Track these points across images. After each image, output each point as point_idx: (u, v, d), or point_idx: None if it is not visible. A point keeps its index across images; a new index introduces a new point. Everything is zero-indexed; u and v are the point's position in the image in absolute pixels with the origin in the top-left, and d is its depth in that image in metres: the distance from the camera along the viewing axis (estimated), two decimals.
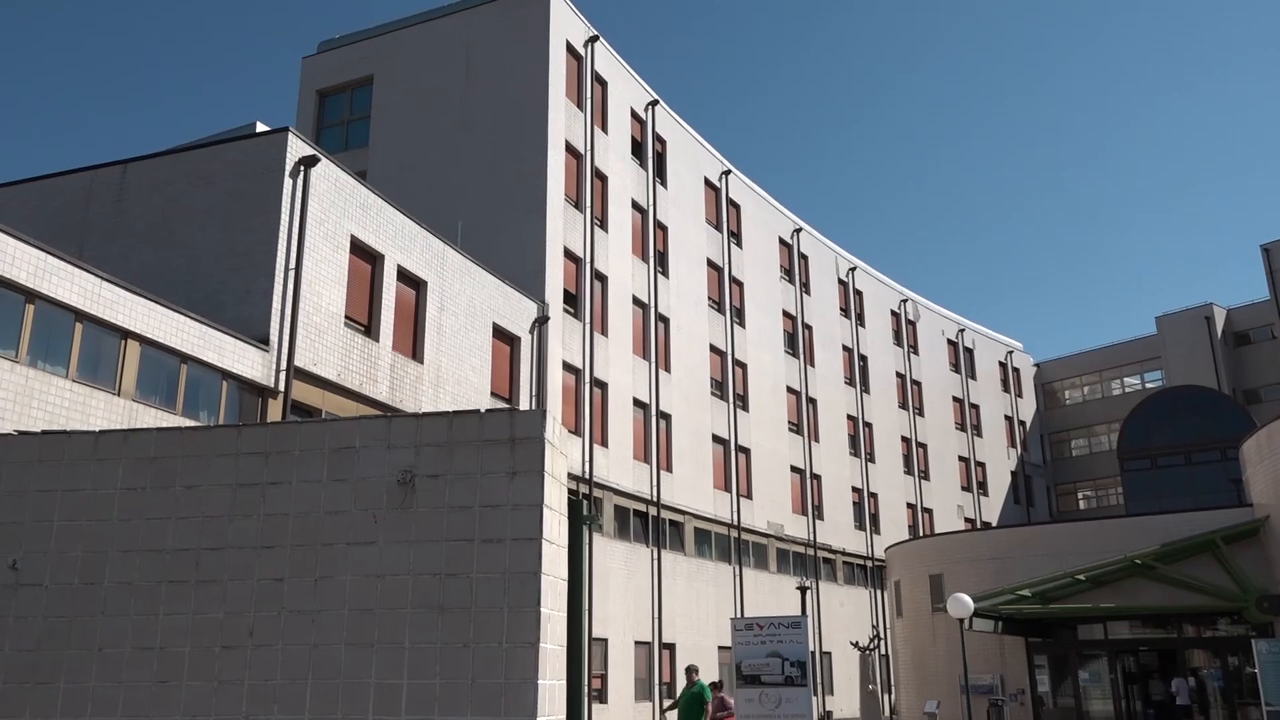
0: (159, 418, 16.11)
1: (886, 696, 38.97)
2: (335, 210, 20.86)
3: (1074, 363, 62.52)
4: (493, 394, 25.56)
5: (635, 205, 35.73)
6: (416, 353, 23.01)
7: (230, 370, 17.77)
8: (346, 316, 20.98)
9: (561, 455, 7.06)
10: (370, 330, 21.66)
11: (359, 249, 21.59)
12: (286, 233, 19.36)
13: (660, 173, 37.53)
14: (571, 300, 30.92)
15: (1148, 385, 57.25)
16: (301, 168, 19.96)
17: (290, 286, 19.26)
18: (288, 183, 19.59)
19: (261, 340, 18.56)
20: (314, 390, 19.73)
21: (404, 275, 22.89)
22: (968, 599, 21.47)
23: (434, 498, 6.68)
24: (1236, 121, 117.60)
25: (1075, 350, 62.47)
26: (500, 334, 26.39)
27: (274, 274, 18.93)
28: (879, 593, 44.71)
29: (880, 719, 28.95)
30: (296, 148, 20.02)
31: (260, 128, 27.85)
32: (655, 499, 33.40)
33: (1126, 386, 59.63)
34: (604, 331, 32.41)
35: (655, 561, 32.86)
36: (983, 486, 54.76)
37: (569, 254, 31.11)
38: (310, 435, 7.08)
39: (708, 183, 40.73)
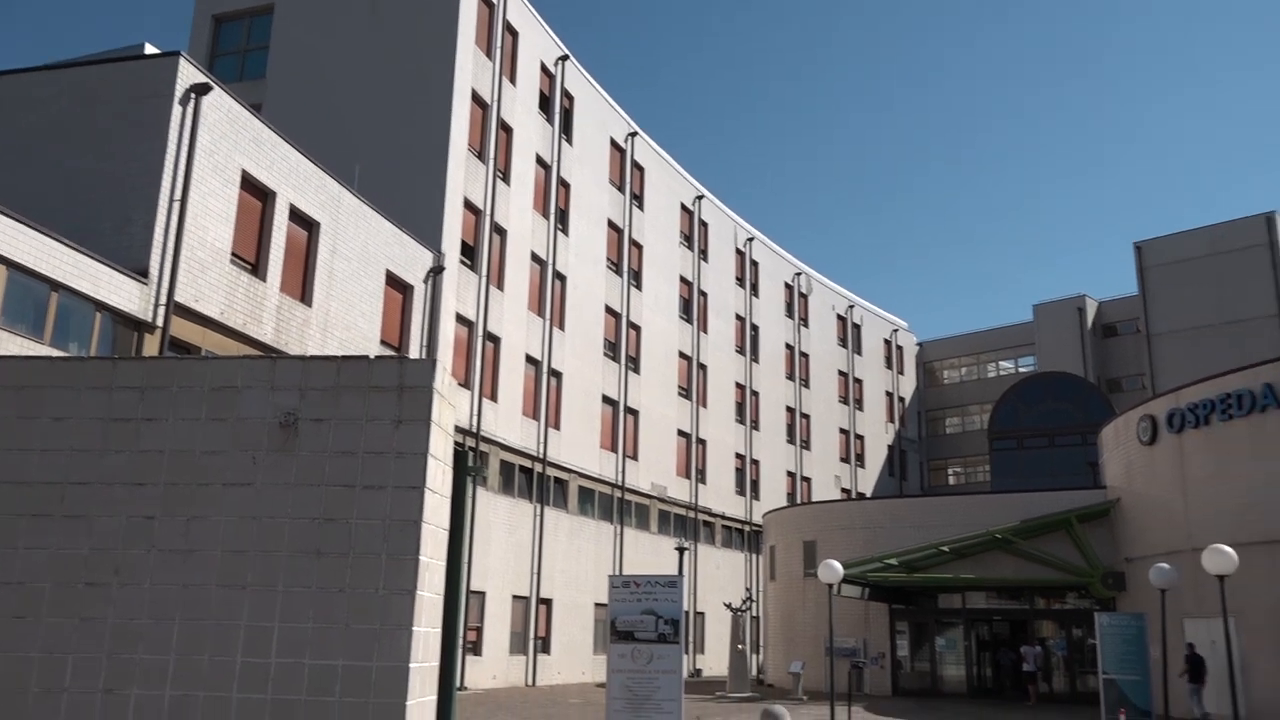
0: (26, 346, 15.41)
1: (755, 656, 40.18)
2: (226, 142, 20.11)
3: (954, 344, 64.86)
4: (382, 342, 25.18)
5: (539, 160, 35.42)
6: (305, 295, 22.47)
7: (105, 301, 17.07)
8: (233, 253, 20.33)
9: (450, 406, 7.07)
10: (258, 269, 21.05)
11: (250, 185, 20.90)
12: (173, 162, 18.60)
13: (566, 129, 37.25)
14: (469, 252, 30.57)
15: (1021, 369, 59.80)
16: (192, 95, 19.16)
17: (174, 218, 18.54)
18: (176, 110, 18.79)
19: (140, 272, 17.86)
20: (194, 328, 19.11)
21: (296, 215, 22.26)
22: (838, 565, 22.23)
23: (317, 442, 6.62)
24: (1115, 121, 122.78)
25: (956, 332, 64.75)
26: (393, 281, 25.95)
27: (157, 204, 18.20)
28: (755, 557, 45.94)
29: (747, 677, 29.86)
30: (188, 74, 19.19)
31: (150, 50, 26.54)
32: (542, 456, 33.50)
33: (1001, 369, 62.19)
34: (500, 285, 32.18)
35: (538, 518, 33.02)
36: (860, 459, 56.57)
37: (469, 205, 30.71)
38: (190, 372, 6.91)
39: (613, 143, 40.62)
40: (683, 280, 44.66)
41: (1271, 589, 21.41)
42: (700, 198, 46.87)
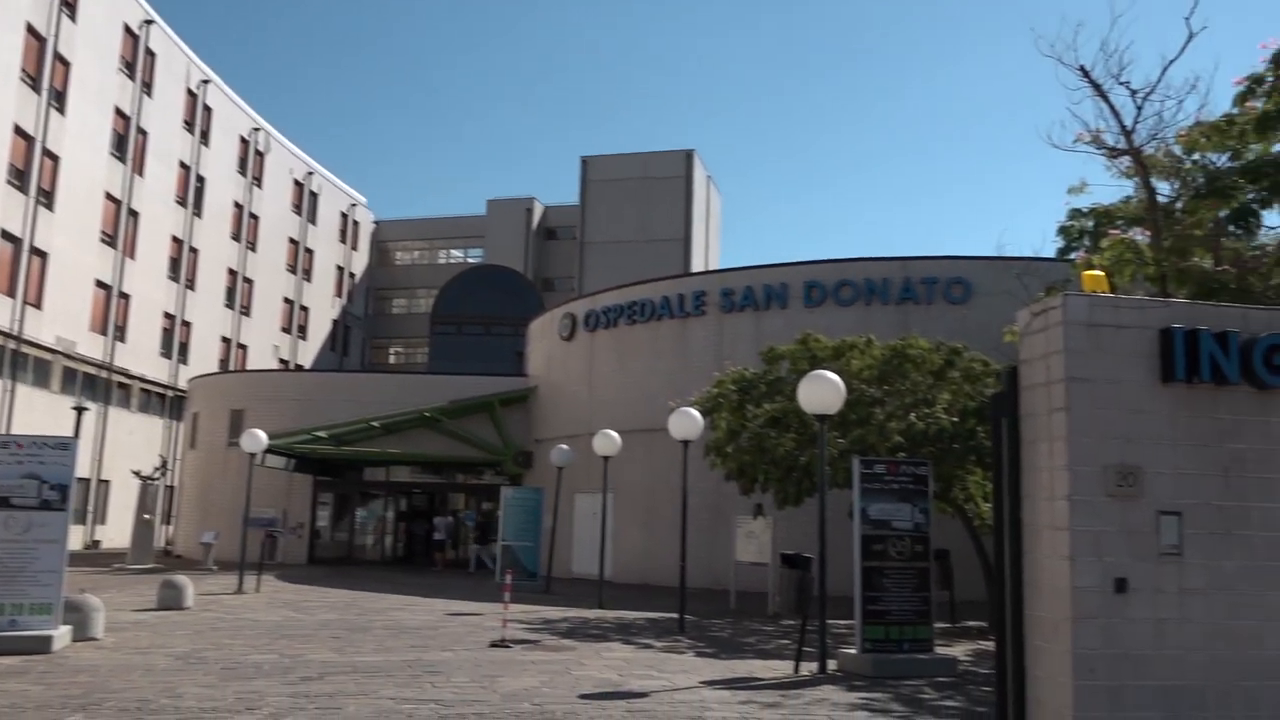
0: None
1: (166, 527, 37.94)
2: None
3: (410, 227, 65.66)
4: None
5: None
6: None
7: None
8: None
9: None
10: None
11: None
12: None
13: None
14: None
15: (470, 260, 62.43)
16: None
17: None
18: None
19: None
20: None
21: None
22: (262, 435, 21.73)
23: None
24: (580, 35, 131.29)
25: (414, 216, 65.57)
26: None
27: None
28: (178, 424, 43.03)
29: (151, 549, 28.18)
30: None
31: None
32: None
33: (452, 257, 64.41)
34: None
35: None
36: (303, 330, 55.35)
37: None
38: None
39: None
40: (119, 113, 39.40)
41: (645, 470, 25.18)
42: (149, 22, 41.44)
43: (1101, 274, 6.83)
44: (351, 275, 61.14)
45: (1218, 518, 5.94)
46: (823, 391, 12.48)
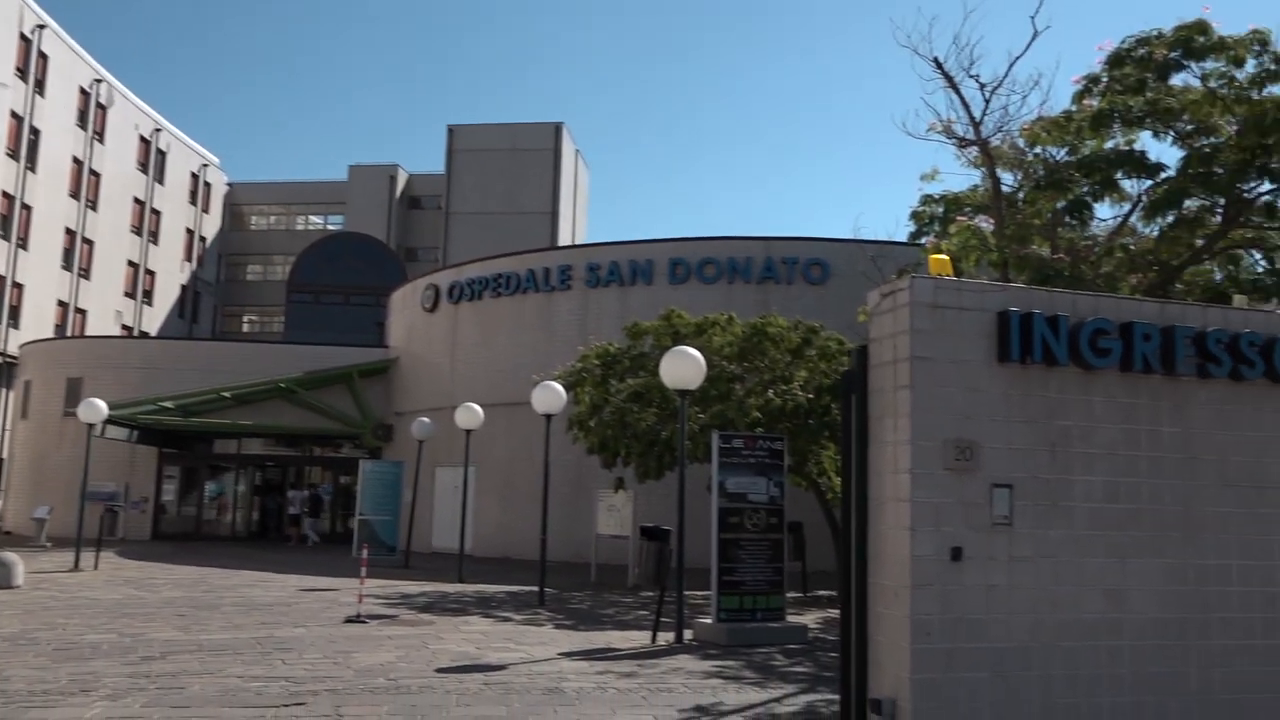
0: None
1: None
2: None
3: (267, 190, 63.09)
4: None
5: None
6: None
7: None
8: None
9: None
10: None
11: None
12: None
13: None
14: None
15: (330, 227, 60.51)
16: None
17: None
18: None
19: None
20: None
21: None
22: (101, 404, 20.62)
23: None
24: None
25: (271, 179, 63.00)
26: None
27: None
28: (8, 392, 40.35)
29: None
30: None
31: None
32: None
33: (311, 224, 62.30)
34: None
35: None
36: (149, 296, 52.62)
37: None
38: None
39: None
40: None
41: (507, 444, 25.06)
42: None
43: (946, 258, 7.16)
44: (203, 239, 58.40)
45: (1044, 490, 6.34)
46: (684, 367, 12.67)
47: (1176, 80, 12.59)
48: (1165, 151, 37.47)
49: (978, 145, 13.26)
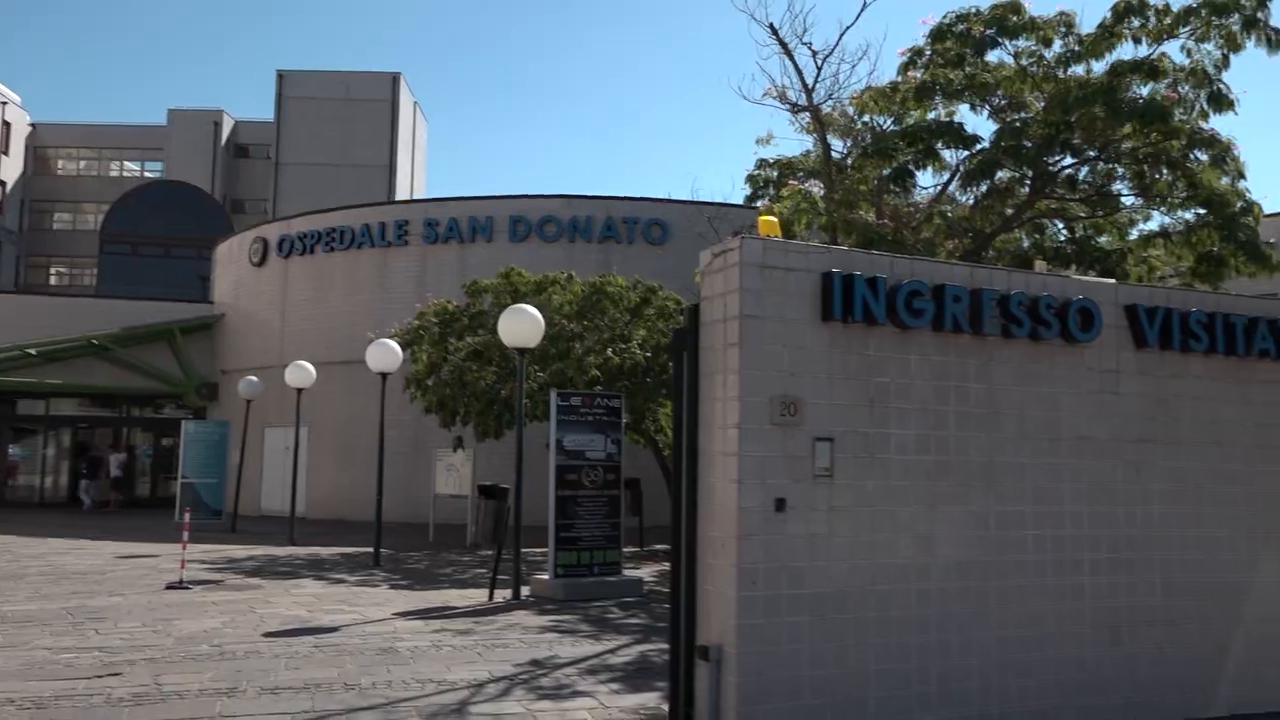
0: None
1: None
2: None
3: (75, 133, 58.55)
4: None
5: None
6: None
7: None
8: None
9: None
10: None
11: None
12: None
13: None
14: None
15: (148, 174, 56.88)
16: None
17: None
18: None
19: None
20: None
21: None
22: None
23: None
24: None
25: (80, 121, 58.54)
26: None
27: None
28: None
29: None
30: None
31: None
32: None
33: (126, 170, 58.36)
34: None
35: None
36: None
37: None
38: None
39: None
40: None
41: (343, 403, 24.41)
42: None
43: (775, 220, 7.37)
44: (2, 184, 53.91)
45: (863, 443, 6.67)
46: (523, 325, 12.64)
47: (992, 56, 13.27)
48: (982, 124, 39.52)
49: (809, 111, 13.64)
